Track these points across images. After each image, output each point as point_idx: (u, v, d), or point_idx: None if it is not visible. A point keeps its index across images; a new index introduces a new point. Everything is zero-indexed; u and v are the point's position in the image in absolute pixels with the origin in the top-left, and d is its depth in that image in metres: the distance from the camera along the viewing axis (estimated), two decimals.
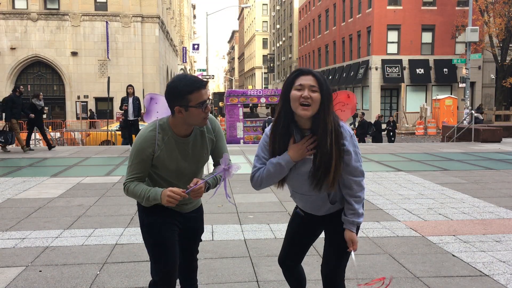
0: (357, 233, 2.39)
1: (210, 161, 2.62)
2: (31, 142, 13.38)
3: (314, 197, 2.37)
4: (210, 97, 45.79)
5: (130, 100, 12.34)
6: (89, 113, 26.86)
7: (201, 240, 2.74)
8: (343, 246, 2.40)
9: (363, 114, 19.48)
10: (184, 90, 2.21)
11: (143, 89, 27.79)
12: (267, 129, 2.38)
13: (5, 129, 12.13)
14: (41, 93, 13.17)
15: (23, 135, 12.99)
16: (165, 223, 2.43)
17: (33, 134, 13.62)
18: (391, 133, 19.13)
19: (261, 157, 2.35)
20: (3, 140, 11.98)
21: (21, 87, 12.86)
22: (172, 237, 2.44)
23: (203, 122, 2.31)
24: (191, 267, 2.72)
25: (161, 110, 2.62)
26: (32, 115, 12.39)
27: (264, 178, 2.32)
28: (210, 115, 2.51)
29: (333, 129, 2.20)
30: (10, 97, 12.28)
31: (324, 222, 2.48)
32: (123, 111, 12.54)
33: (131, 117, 12.38)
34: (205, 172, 2.68)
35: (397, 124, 22.69)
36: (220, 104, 41.30)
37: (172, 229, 2.46)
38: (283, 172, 2.29)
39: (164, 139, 2.33)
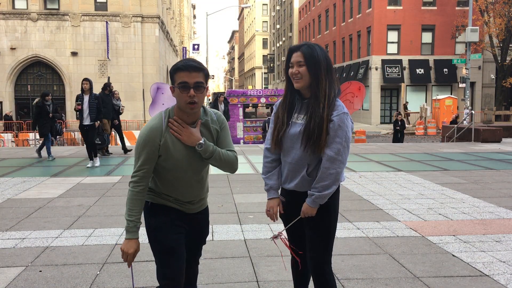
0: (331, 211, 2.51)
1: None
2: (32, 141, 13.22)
3: (294, 165, 2.49)
4: (209, 96, 45.63)
5: (86, 98, 9.53)
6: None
7: (204, 243, 2.68)
8: (326, 237, 2.50)
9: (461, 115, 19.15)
10: (171, 69, 2.31)
11: (143, 89, 27.80)
12: (277, 102, 2.62)
13: (100, 130, 10.91)
14: (116, 91, 11.74)
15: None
16: (172, 225, 2.39)
17: (32, 134, 13.58)
18: (399, 134, 18.22)
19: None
20: (99, 142, 10.94)
21: (112, 84, 11.62)
22: (180, 240, 2.40)
23: (187, 107, 2.28)
24: (192, 271, 2.66)
25: (167, 101, 2.64)
26: (116, 121, 11.54)
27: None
28: (213, 109, 2.53)
29: (326, 96, 2.39)
30: (100, 95, 10.90)
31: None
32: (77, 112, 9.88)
33: (86, 121, 9.53)
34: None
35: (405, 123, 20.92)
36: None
37: (179, 231, 2.41)
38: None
39: (169, 127, 2.32)
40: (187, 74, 2.24)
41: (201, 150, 2.32)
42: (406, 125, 27.56)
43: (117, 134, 10.81)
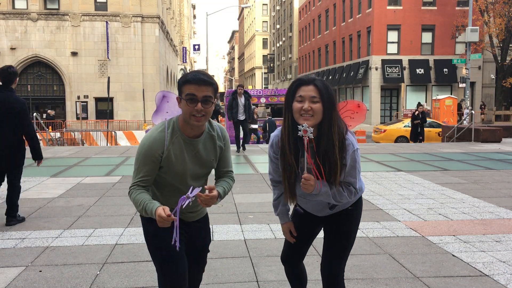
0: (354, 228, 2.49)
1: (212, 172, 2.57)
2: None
3: (314, 203, 2.44)
4: (217, 101, 45.62)
5: None
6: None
7: (208, 251, 2.65)
8: (344, 245, 2.46)
9: None
10: (180, 80, 2.27)
11: (143, 89, 27.81)
12: (273, 135, 2.41)
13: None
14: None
15: None
16: (170, 232, 2.33)
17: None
18: (419, 129, 16.26)
19: (273, 175, 2.49)
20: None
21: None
22: (180, 247, 2.36)
23: (191, 119, 2.23)
24: (196, 279, 2.62)
25: (171, 110, 2.58)
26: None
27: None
28: (219, 124, 2.49)
29: (337, 140, 2.22)
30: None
31: (324, 221, 2.51)
32: None
33: None
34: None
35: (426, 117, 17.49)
36: (220, 104, 41.28)
37: (179, 238, 2.35)
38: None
39: (172, 139, 2.28)
40: (196, 87, 2.19)
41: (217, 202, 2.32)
42: None
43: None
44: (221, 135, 2.43)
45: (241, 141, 12.28)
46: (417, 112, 16.56)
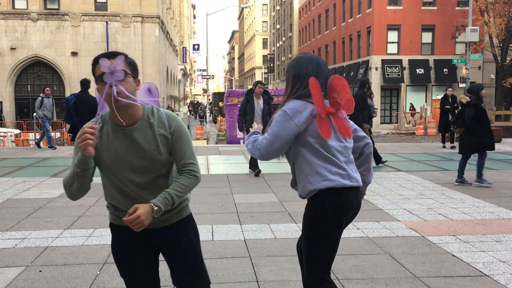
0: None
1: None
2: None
3: None
4: (209, 96, 45.24)
5: None
6: None
7: (197, 255, 2.27)
8: (306, 248, 2.37)
9: None
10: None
11: None
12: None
13: None
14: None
15: None
16: (125, 245, 2.22)
17: (32, 134, 13.43)
18: (450, 117, 12.53)
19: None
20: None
21: (371, 82, 9.14)
22: (135, 260, 2.21)
23: (108, 99, 1.99)
24: None
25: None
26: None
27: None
28: (168, 111, 2.21)
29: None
30: (360, 93, 8.94)
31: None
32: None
33: None
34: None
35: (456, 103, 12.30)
36: (220, 104, 41.29)
37: (135, 252, 2.21)
38: None
39: (102, 129, 2.10)
40: (99, 66, 2.11)
41: (162, 213, 2.05)
42: (406, 125, 27.57)
43: None
44: (164, 123, 2.11)
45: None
46: (450, 92, 12.94)
